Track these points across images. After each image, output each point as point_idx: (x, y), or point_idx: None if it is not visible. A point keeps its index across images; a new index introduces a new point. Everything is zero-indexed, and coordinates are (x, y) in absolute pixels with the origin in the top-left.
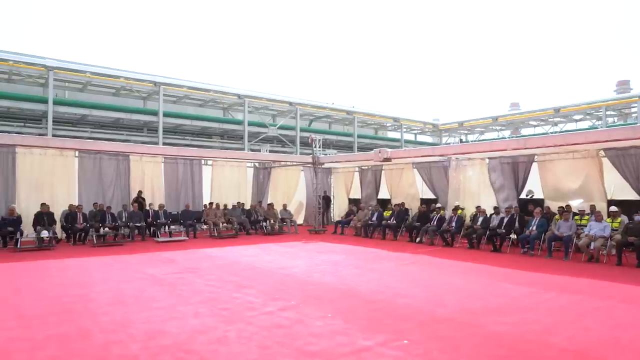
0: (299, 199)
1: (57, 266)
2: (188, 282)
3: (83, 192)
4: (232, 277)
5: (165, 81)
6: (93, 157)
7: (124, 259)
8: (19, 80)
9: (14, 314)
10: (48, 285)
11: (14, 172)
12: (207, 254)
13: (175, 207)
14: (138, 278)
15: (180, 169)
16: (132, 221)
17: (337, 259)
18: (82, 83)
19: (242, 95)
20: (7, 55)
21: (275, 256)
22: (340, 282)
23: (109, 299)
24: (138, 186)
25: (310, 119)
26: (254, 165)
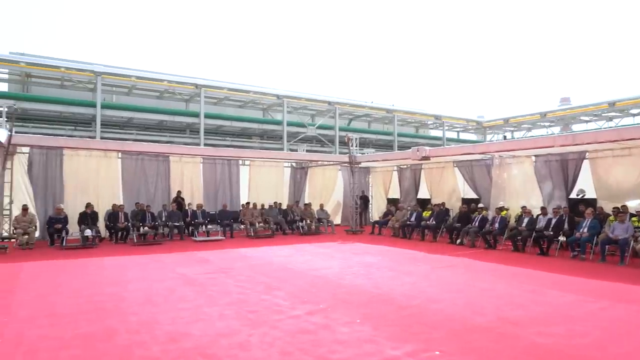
0: (336, 198)
1: (96, 264)
2: (219, 282)
3: (126, 192)
4: (263, 278)
5: (206, 83)
6: (135, 158)
7: (160, 258)
8: (70, 86)
9: (47, 312)
10: (84, 284)
11: (62, 173)
12: (242, 254)
13: (213, 207)
14: (171, 278)
15: (218, 169)
16: (170, 221)
17: (371, 260)
18: (128, 87)
19: (281, 96)
20: (59, 63)
21: (309, 257)
22: (372, 286)
23: (139, 299)
24: (178, 186)
25: (349, 118)
26: (291, 165)
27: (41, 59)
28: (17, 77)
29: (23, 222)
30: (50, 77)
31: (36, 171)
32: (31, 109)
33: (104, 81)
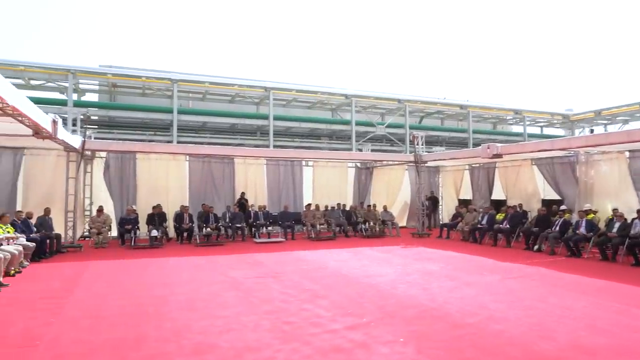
0: (403, 199)
1: (156, 264)
2: (265, 288)
3: (192, 194)
4: (311, 285)
5: (274, 86)
6: (202, 161)
7: (216, 259)
8: (150, 94)
9: (92, 314)
10: (138, 285)
11: (135, 176)
12: (297, 257)
13: (277, 208)
14: (219, 281)
15: (282, 170)
16: (233, 222)
17: (432, 268)
18: (202, 93)
19: (349, 95)
20: (140, 72)
21: (366, 262)
22: (427, 298)
23: (181, 303)
24: (242, 188)
25: (420, 115)
26: (356, 166)
27: (125, 70)
28: (105, 88)
29: (97, 222)
30: (133, 87)
31: (112, 174)
32: (117, 116)
33: (180, 88)
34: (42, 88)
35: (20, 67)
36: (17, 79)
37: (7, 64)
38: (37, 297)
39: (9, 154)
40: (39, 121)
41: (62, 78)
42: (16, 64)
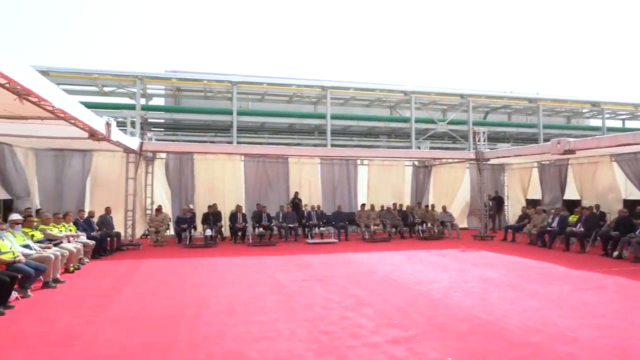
0: (464, 199)
1: (205, 264)
2: (308, 292)
3: (248, 194)
4: (357, 290)
5: (332, 85)
6: (256, 161)
7: (265, 260)
8: (211, 97)
9: (133, 315)
10: (183, 284)
11: (193, 176)
12: (347, 259)
13: (331, 208)
14: (264, 283)
15: (336, 169)
16: (286, 222)
17: (492, 275)
18: (261, 94)
19: (409, 92)
20: (202, 76)
21: (420, 266)
22: (483, 309)
23: (221, 306)
24: (296, 187)
25: (485, 110)
26: (413, 164)
27: (188, 74)
28: (170, 92)
29: (156, 221)
30: (196, 90)
31: (172, 174)
32: (181, 119)
33: (240, 90)
34: (113, 94)
35: (94, 75)
36: (92, 86)
37: (82, 72)
38: (88, 294)
39: (78, 156)
40: (91, 124)
41: (130, 84)
42: (90, 72)
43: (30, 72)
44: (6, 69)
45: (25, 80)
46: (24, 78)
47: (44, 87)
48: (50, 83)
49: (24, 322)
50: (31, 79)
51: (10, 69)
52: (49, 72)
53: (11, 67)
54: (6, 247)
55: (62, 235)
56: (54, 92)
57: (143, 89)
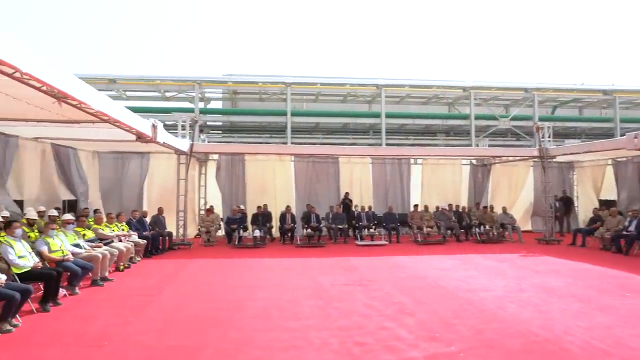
0: (528, 200)
1: (250, 265)
2: (349, 297)
3: (298, 194)
4: (401, 297)
5: (386, 83)
6: (306, 161)
7: (310, 262)
8: (266, 98)
9: (168, 315)
10: (223, 285)
11: (244, 177)
12: (396, 263)
13: (383, 209)
14: (304, 286)
15: (388, 169)
16: (335, 222)
17: (555, 284)
18: (315, 94)
19: (468, 88)
20: (257, 78)
21: (473, 272)
22: (542, 324)
23: (257, 310)
24: (346, 188)
25: (552, 105)
26: (471, 163)
27: (244, 77)
28: (227, 95)
29: (207, 222)
30: (251, 92)
31: (223, 175)
32: (237, 121)
33: (294, 91)
34: (174, 99)
35: (157, 81)
36: (154, 92)
37: (145, 79)
38: (131, 293)
39: (137, 158)
40: (136, 126)
41: (189, 88)
42: (153, 79)
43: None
44: (39, 73)
45: (59, 83)
46: (59, 81)
47: (81, 90)
48: (88, 87)
49: (65, 319)
50: (67, 82)
51: (44, 72)
52: (116, 80)
53: (45, 71)
54: (56, 245)
55: (112, 235)
56: (93, 95)
57: (201, 93)
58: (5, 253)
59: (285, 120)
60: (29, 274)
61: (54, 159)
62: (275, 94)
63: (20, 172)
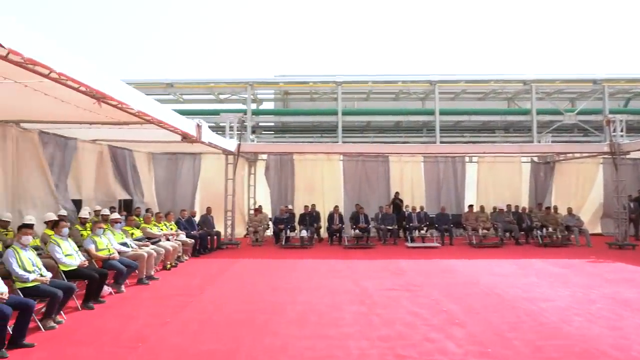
0: (597, 201)
1: (295, 266)
2: (393, 304)
3: (347, 194)
4: (451, 305)
5: (440, 79)
6: (355, 160)
7: (356, 264)
8: (317, 98)
9: (205, 317)
10: (265, 287)
11: (293, 176)
12: (447, 267)
13: (436, 209)
14: (347, 290)
15: (441, 168)
16: (384, 223)
17: (630, 295)
18: (366, 92)
19: (528, 81)
20: (307, 78)
21: (533, 279)
22: (614, 343)
23: (295, 314)
24: (397, 187)
25: (625, 97)
26: (532, 160)
27: (295, 77)
28: (279, 96)
29: (255, 222)
30: (302, 92)
31: (272, 175)
32: (288, 121)
33: (344, 89)
34: (228, 101)
35: (211, 84)
36: (209, 95)
37: (201, 82)
38: (173, 293)
39: (189, 159)
40: (180, 126)
41: (242, 90)
42: (207, 82)
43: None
44: (74, 73)
45: (96, 83)
46: (95, 81)
47: (120, 90)
48: (128, 87)
49: (105, 318)
50: (104, 82)
51: (79, 72)
52: (173, 84)
53: (79, 71)
54: (102, 244)
55: (160, 234)
56: (133, 95)
57: (253, 95)
58: (53, 251)
59: (336, 119)
60: (75, 272)
61: (110, 160)
62: (326, 94)
63: (78, 173)
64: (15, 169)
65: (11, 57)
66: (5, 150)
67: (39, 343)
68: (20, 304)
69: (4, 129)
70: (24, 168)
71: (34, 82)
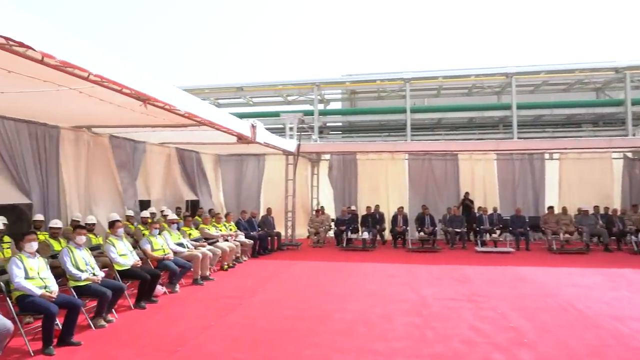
0: None
1: (352, 269)
2: (453, 316)
3: (412, 194)
4: (520, 321)
5: (518, 71)
6: (421, 159)
7: (418, 269)
8: (385, 96)
9: (248, 323)
10: (316, 292)
11: (356, 176)
12: (521, 276)
13: (511, 210)
14: (403, 299)
15: (517, 166)
16: (452, 226)
17: None
18: (436, 88)
19: (621, 68)
20: (374, 77)
21: (624, 292)
22: None
23: (342, 323)
24: (467, 187)
25: None
26: (624, 156)
27: (362, 76)
28: (346, 95)
29: (316, 222)
30: (369, 91)
31: (335, 175)
32: (355, 121)
33: (413, 86)
34: (296, 102)
35: (279, 86)
36: (278, 97)
37: (268, 85)
38: (224, 295)
39: (254, 160)
40: (233, 127)
41: (309, 91)
42: (275, 84)
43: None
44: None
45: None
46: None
47: (166, 92)
48: (175, 89)
49: (154, 319)
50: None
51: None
52: (242, 87)
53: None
54: (158, 244)
55: (217, 235)
56: (181, 97)
57: (320, 95)
58: (108, 251)
59: (404, 117)
60: (128, 272)
61: (178, 162)
62: (394, 91)
63: (147, 175)
64: (88, 172)
65: (46, 61)
66: (79, 154)
67: (86, 342)
68: (67, 302)
69: (77, 134)
70: (95, 171)
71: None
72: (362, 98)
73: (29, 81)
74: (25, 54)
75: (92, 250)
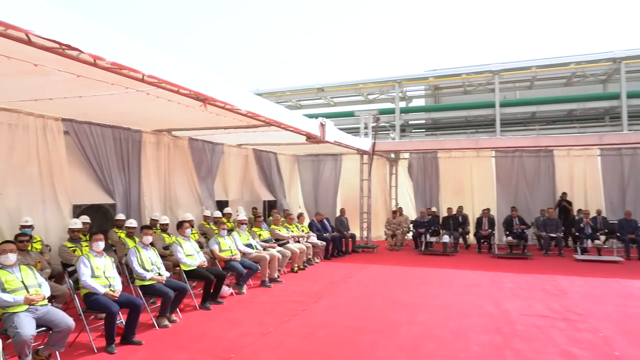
0: None
1: (427, 276)
2: (541, 337)
3: (500, 195)
4: (626, 348)
5: (627, 54)
6: (511, 156)
7: (503, 278)
8: (471, 90)
9: (306, 331)
10: (383, 300)
11: (438, 176)
12: (630, 291)
13: (619, 214)
14: (482, 313)
15: (626, 162)
16: (546, 230)
17: None
18: (529, 80)
19: None
20: (459, 70)
21: None
22: None
23: (408, 338)
24: (564, 187)
25: None
26: None
27: (445, 71)
28: (429, 92)
29: (393, 224)
30: (454, 86)
31: (415, 175)
32: (439, 117)
33: (502, 79)
34: (377, 101)
35: (359, 85)
36: (358, 96)
37: (349, 84)
38: (289, 299)
39: (331, 160)
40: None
41: (390, 89)
42: (355, 83)
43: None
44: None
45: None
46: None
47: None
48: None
49: (215, 321)
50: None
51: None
52: (323, 88)
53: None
54: (225, 245)
55: (287, 236)
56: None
57: (402, 92)
58: (175, 251)
59: (493, 112)
60: (194, 272)
61: (255, 163)
62: (481, 85)
63: (225, 176)
64: (168, 174)
65: (99, 63)
66: (160, 156)
67: (147, 341)
68: (129, 302)
69: (158, 137)
70: (174, 172)
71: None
72: (447, 94)
73: (99, 85)
74: (78, 58)
75: (166, 249)
